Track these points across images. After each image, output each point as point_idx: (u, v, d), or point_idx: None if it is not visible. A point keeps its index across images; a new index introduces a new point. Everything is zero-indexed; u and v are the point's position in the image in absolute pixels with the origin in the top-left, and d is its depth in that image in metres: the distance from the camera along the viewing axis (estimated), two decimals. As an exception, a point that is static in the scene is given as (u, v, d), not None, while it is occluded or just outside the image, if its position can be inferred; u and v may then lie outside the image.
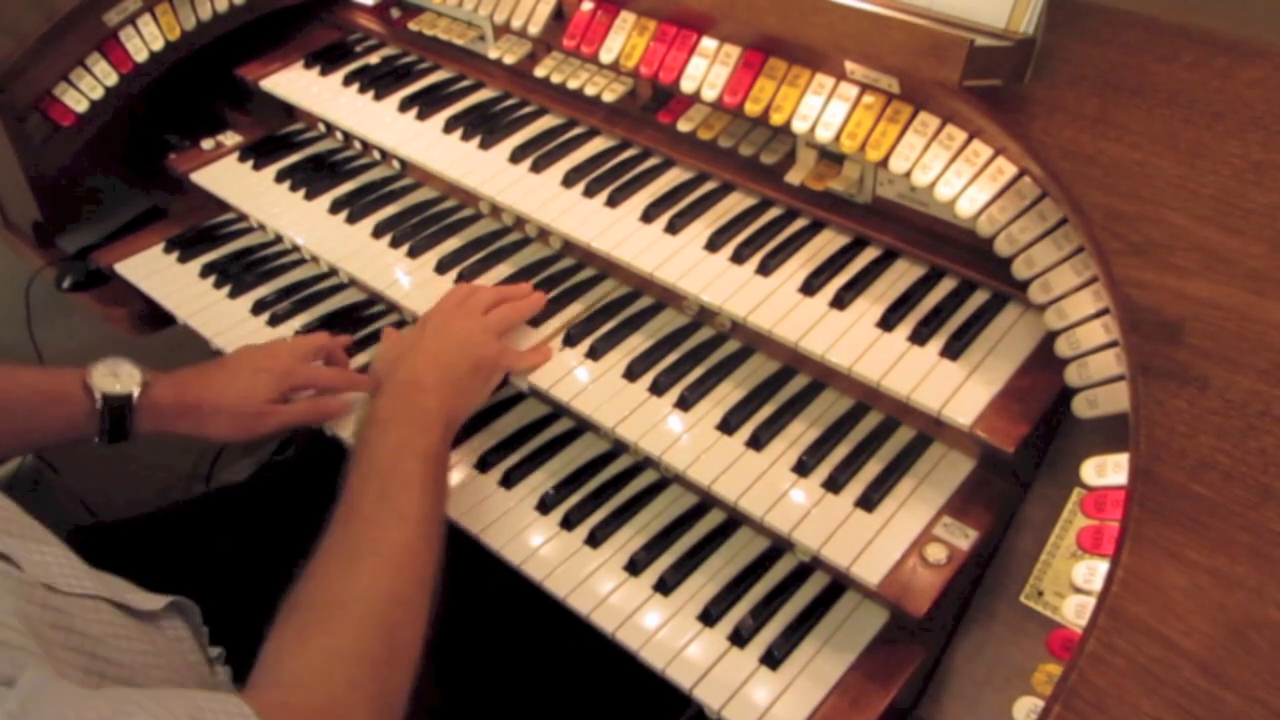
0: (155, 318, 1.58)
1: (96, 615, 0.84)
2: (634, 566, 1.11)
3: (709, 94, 1.16)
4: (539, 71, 1.40)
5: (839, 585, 1.09)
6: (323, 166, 1.58)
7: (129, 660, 0.83)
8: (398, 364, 1.16)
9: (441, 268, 1.35)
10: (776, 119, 1.12)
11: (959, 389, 1.03)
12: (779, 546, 1.14)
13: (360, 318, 1.45)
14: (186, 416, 1.23)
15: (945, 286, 1.15)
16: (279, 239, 1.54)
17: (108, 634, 0.83)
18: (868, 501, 1.04)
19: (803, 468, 1.08)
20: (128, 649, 0.84)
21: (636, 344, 1.23)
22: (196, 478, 1.99)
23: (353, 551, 0.96)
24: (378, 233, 1.42)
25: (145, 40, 1.55)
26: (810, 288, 1.15)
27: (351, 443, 1.11)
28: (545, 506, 1.18)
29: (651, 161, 1.34)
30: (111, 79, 1.55)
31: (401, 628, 0.93)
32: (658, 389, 1.17)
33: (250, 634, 0.90)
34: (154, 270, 1.55)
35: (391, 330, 1.29)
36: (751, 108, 1.14)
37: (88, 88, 1.54)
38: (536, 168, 1.35)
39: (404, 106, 1.49)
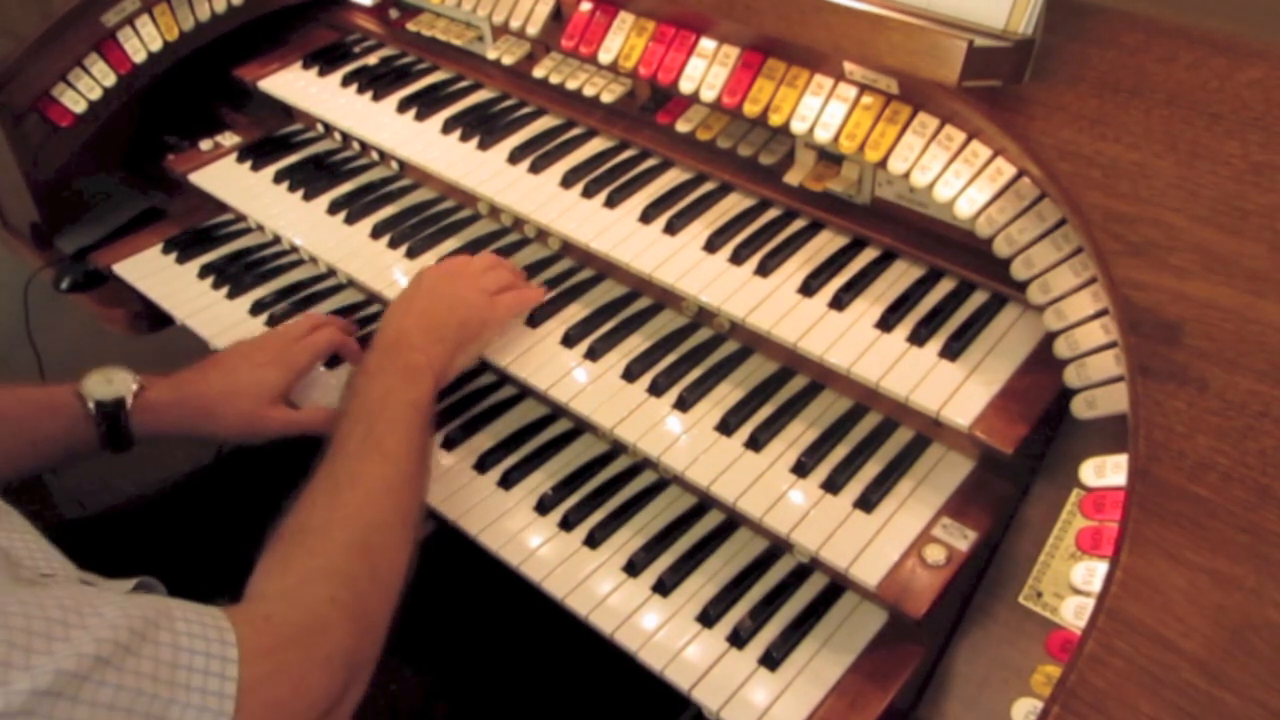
0: (153, 318, 1.58)
1: (61, 588, 0.84)
2: (633, 567, 1.11)
3: (708, 94, 1.16)
4: (537, 72, 1.40)
5: (838, 586, 1.09)
6: (321, 167, 1.58)
7: None
8: (389, 322, 1.19)
9: (440, 268, 1.35)
10: (775, 119, 1.12)
11: (958, 390, 1.03)
12: (778, 547, 1.14)
13: (359, 319, 1.45)
14: (189, 415, 1.23)
15: (944, 287, 1.15)
16: (277, 239, 1.54)
17: (77, 604, 0.83)
18: (866, 502, 1.04)
19: (801, 468, 1.08)
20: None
21: (635, 345, 1.23)
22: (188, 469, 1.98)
23: (336, 484, 1.00)
24: (376, 233, 1.42)
25: (143, 41, 1.55)
26: (809, 288, 1.15)
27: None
28: (544, 507, 1.18)
29: (650, 162, 1.34)
30: (110, 80, 1.55)
31: (383, 552, 0.97)
32: (656, 389, 1.17)
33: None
34: (152, 271, 1.55)
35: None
36: (750, 108, 1.13)
37: (86, 88, 1.54)
38: (535, 168, 1.34)
39: (402, 107, 1.49)
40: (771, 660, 1.02)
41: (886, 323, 1.10)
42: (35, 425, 1.19)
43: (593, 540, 1.14)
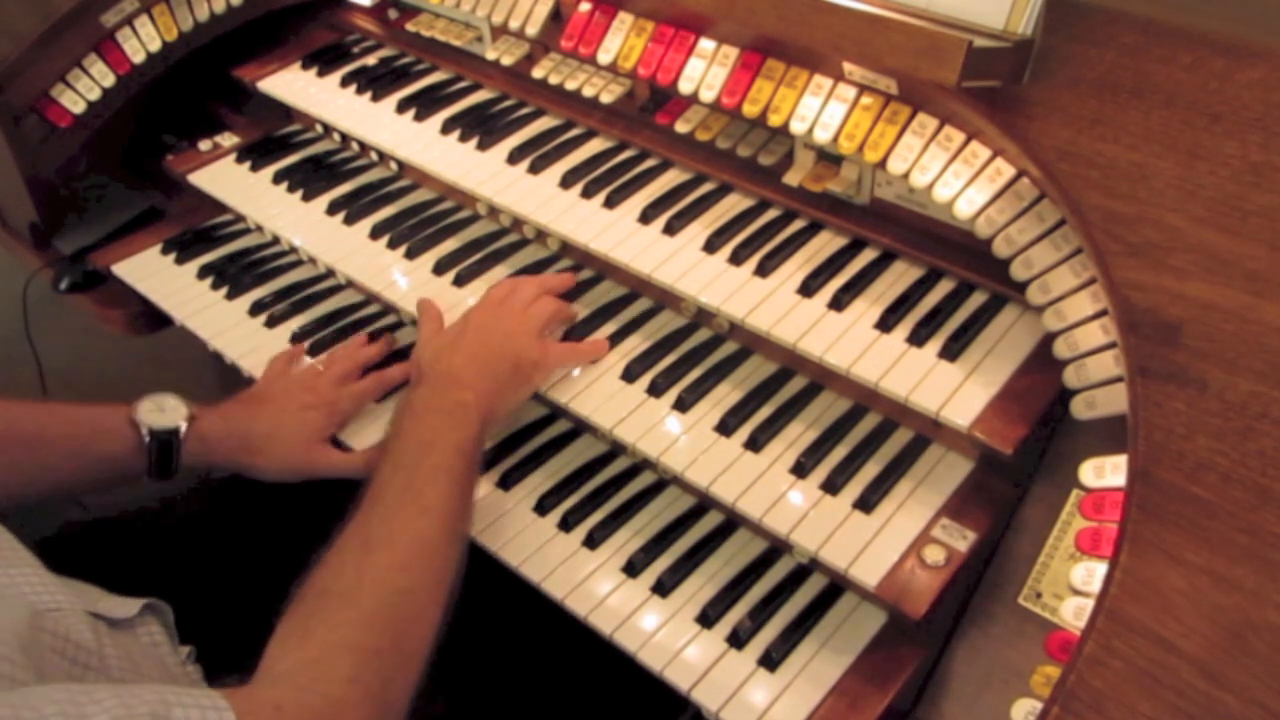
0: (152, 319, 1.58)
1: (72, 625, 0.82)
2: (632, 568, 1.11)
3: (707, 95, 1.16)
4: (536, 72, 1.40)
5: (837, 587, 1.09)
6: (320, 167, 1.58)
7: (111, 666, 0.82)
8: (438, 358, 1.15)
9: (439, 269, 1.35)
10: (774, 120, 1.12)
11: (957, 390, 1.03)
12: (777, 548, 1.14)
13: (359, 320, 1.45)
14: (235, 450, 1.21)
15: (944, 288, 1.14)
16: (277, 240, 1.54)
17: (87, 642, 0.82)
18: (866, 503, 1.04)
19: (801, 469, 1.08)
20: (106, 656, 0.83)
21: (634, 345, 1.23)
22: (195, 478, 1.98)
23: (369, 541, 0.95)
24: (375, 234, 1.42)
25: (142, 41, 1.55)
26: (808, 289, 1.15)
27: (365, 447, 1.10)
28: (543, 508, 1.18)
29: (649, 163, 1.34)
30: (109, 80, 1.54)
31: (410, 623, 0.92)
32: (656, 390, 1.17)
33: (236, 627, 0.89)
34: (151, 271, 1.55)
35: (432, 312, 1.25)
36: (749, 109, 1.13)
37: (85, 89, 1.54)
38: (534, 169, 1.34)
39: (402, 107, 1.49)
40: (771, 661, 1.02)
41: (886, 323, 1.10)
42: (81, 448, 1.16)
43: (592, 541, 1.14)
